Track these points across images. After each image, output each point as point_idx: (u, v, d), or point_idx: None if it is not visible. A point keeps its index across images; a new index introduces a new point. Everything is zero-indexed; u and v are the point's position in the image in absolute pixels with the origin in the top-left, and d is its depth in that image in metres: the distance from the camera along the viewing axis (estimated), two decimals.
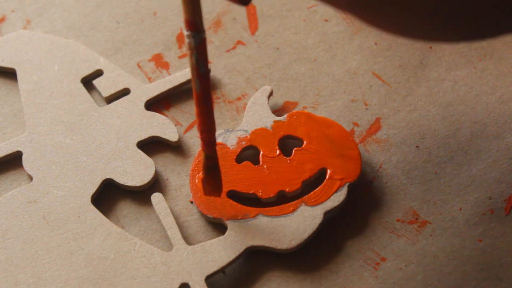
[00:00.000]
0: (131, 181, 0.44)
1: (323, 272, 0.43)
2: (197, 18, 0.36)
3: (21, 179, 0.46)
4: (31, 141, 0.46)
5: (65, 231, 0.43)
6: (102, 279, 0.42)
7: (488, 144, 0.46)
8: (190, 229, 0.44)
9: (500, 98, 0.48)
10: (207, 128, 0.39)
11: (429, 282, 0.42)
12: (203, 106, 0.39)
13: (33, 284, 0.42)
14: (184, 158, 0.46)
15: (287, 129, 0.45)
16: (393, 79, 0.49)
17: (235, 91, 0.48)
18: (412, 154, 0.46)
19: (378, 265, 0.43)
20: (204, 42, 0.36)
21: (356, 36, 0.50)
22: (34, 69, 0.48)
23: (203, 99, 0.38)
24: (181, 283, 0.42)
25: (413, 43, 0.49)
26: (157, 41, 0.50)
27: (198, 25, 0.36)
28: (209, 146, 0.40)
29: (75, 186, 0.44)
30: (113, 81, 0.48)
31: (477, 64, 0.49)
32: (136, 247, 0.43)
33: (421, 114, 0.47)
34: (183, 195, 0.45)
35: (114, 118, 0.46)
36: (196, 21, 0.36)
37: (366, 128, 0.47)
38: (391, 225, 0.44)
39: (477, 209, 0.44)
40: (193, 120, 0.47)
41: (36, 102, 0.47)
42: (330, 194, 0.43)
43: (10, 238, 0.43)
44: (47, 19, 0.51)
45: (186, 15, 0.36)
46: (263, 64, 0.49)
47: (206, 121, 0.39)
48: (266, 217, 0.43)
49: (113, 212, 0.45)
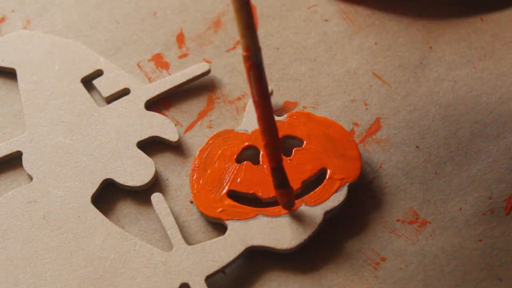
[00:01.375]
0: (131, 181, 0.44)
1: (323, 272, 0.43)
2: (254, 42, 0.37)
3: (21, 179, 0.46)
4: (31, 141, 0.46)
5: (65, 231, 0.43)
6: (102, 279, 0.42)
7: (488, 144, 0.46)
8: (190, 229, 0.44)
9: (500, 98, 0.48)
10: (271, 138, 0.39)
11: (429, 282, 0.42)
12: (267, 115, 0.39)
13: (33, 284, 0.42)
14: (184, 158, 0.46)
15: (287, 129, 0.45)
16: (393, 79, 0.49)
17: (235, 91, 0.48)
18: (412, 154, 0.46)
19: (378, 265, 0.43)
20: (261, 58, 0.38)
21: (356, 36, 0.50)
22: (34, 69, 0.48)
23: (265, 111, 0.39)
24: (181, 283, 0.42)
25: (413, 43, 0.50)
26: (157, 41, 0.50)
27: (255, 46, 0.37)
28: (275, 154, 0.40)
29: (75, 186, 0.44)
30: (113, 81, 0.48)
31: (477, 64, 0.49)
32: (136, 247, 0.43)
33: (421, 114, 0.47)
34: (183, 195, 0.45)
35: (114, 118, 0.46)
36: (254, 44, 0.37)
37: (366, 128, 0.47)
38: (391, 225, 0.44)
39: (477, 209, 0.44)
40: (193, 120, 0.47)
41: (36, 102, 0.47)
42: (330, 194, 0.43)
43: (10, 238, 0.43)
44: (47, 19, 0.51)
45: (244, 41, 0.37)
46: None
47: (269, 130, 0.39)
48: (266, 217, 0.43)
49: (113, 212, 0.45)
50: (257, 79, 0.38)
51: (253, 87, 0.38)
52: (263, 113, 0.39)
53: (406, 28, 0.50)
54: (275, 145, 0.40)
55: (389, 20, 0.50)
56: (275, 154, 0.40)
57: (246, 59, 0.37)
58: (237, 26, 0.36)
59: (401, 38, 0.50)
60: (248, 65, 0.37)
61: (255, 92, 0.38)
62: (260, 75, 0.38)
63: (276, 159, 0.40)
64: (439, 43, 0.50)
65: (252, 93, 0.38)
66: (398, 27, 0.50)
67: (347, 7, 0.51)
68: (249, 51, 0.37)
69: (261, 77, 0.38)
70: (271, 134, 0.39)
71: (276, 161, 0.40)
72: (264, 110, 0.38)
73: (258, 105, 0.38)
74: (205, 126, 0.47)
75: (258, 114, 0.39)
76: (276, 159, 0.40)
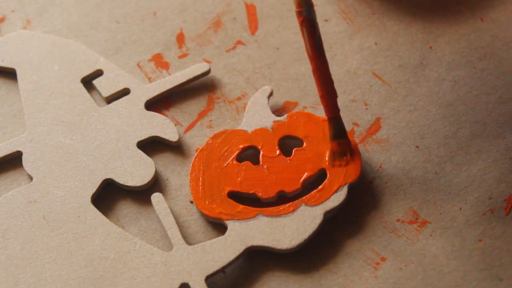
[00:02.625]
0: (131, 181, 0.44)
1: (323, 272, 0.43)
2: None
3: (21, 179, 0.46)
4: (31, 141, 0.46)
5: (65, 231, 0.43)
6: (102, 279, 0.42)
7: (488, 144, 0.46)
8: (190, 229, 0.44)
9: (500, 98, 0.48)
10: (327, 89, 0.41)
11: (429, 282, 0.42)
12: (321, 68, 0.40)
13: (33, 284, 0.42)
14: (184, 158, 0.46)
15: (287, 129, 0.45)
16: (393, 79, 0.49)
17: (235, 91, 0.48)
18: (412, 154, 0.46)
19: (378, 265, 0.43)
20: (313, 14, 0.39)
21: (356, 36, 0.50)
22: (34, 69, 0.48)
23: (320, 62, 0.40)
24: (181, 283, 0.42)
25: (413, 43, 0.50)
26: (157, 41, 0.50)
27: (307, 3, 0.39)
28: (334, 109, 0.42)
29: (75, 186, 0.44)
30: (113, 81, 0.48)
31: (477, 64, 0.49)
32: (136, 247, 0.43)
33: (421, 114, 0.47)
34: (183, 195, 0.45)
35: (114, 118, 0.46)
36: (306, 1, 0.39)
37: (366, 128, 0.47)
38: (391, 225, 0.44)
39: (477, 209, 0.44)
40: (193, 120, 0.47)
41: (36, 102, 0.47)
42: (330, 194, 0.43)
43: (10, 238, 0.43)
44: (47, 19, 0.51)
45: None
46: (263, 64, 0.49)
47: (325, 82, 0.41)
48: (266, 217, 0.43)
49: (113, 212, 0.45)
50: (310, 33, 0.39)
51: (307, 42, 0.40)
52: (318, 65, 0.40)
53: (406, 28, 0.50)
54: (331, 95, 0.41)
55: (389, 20, 0.51)
56: (331, 104, 0.42)
57: (299, 14, 0.39)
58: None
59: (401, 38, 0.50)
60: (300, 20, 0.39)
61: (309, 46, 0.40)
62: (312, 30, 0.39)
63: (333, 109, 0.42)
64: (439, 43, 0.50)
65: (306, 47, 0.40)
66: (398, 27, 0.50)
67: (347, 7, 0.51)
68: (301, 6, 0.39)
69: (314, 31, 0.39)
70: (327, 85, 0.41)
71: (333, 111, 0.42)
72: (319, 62, 0.40)
73: (312, 58, 0.40)
74: (205, 126, 0.47)
75: (313, 66, 0.40)
76: (333, 109, 0.42)
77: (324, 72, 0.40)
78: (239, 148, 0.45)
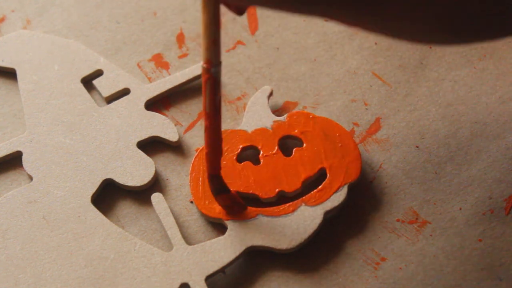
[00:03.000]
0: (131, 181, 0.44)
1: (323, 272, 0.43)
2: (216, 57, 0.38)
3: (21, 179, 0.46)
4: (31, 141, 0.46)
5: (65, 231, 0.43)
6: (102, 279, 0.42)
7: (488, 144, 0.46)
8: (190, 229, 0.44)
9: (500, 98, 0.48)
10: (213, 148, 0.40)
11: (429, 282, 0.42)
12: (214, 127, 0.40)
13: (33, 284, 0.42)
14: (184, 158, 0.46)
15: (287, 129, 0.45)
16: (393, 79, 0.49)
17: (235, 91, 0.48)
18: (412, 154, 0.46)
19: (378, 265, 0.43)
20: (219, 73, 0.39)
21: (356, 36, 0.50)
22: (34, 69, 0.48)
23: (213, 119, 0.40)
24: (181, 283, 0.42)
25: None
26: (157, 41, 0.50)
27: (216, 60, 0.38)
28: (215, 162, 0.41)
29: (75, 186, 0.44)
30: (113, 81, 0.48)
31: (477, 64, 0.49)
32: (136, 247, 0.43)
33: (421, 114, 0.47)
34: (183, 195, 0.45)
35: (114, 118, 0.46)
36: (215, 59, 0.38)
37: (366, 128, 0.47)
38: (391, 225, 0.44)
39: (477, 209, 0.44)
40: (193, 120, 0.47)
41: (36, 102, 0.47)
42: (330, 194, 0.43)
43: (10, 238, 0.43)
44: (47, 19, 0.51)
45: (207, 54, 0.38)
46: (263, 64, 0.49)
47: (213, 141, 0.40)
48: (266, 217, 0.43)
49: (113, 212, 0.45)
50: (212, 92, 0.39)
51: (207, 99, 0.39)
52: (212, 124, 0.40)
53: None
54: (216, 154, 0.41)
55: None
56: (215, 163, 0.41)
57: (205, 71, 0.38)
58: (202, 39, 0.37)
59: (402, 41, 0.50)
60: (205, 77, 0.38)
61: (208, 104, 0.39)
62: (215, 89, 0.39)
63: (216, 167, 0.41)
64: None
65: (204, 104, 0.39)
66: None
67: None
68: (209, 64, 0.38)
69: (215, 91, 0.39)
70: (215, 145, 0.40)
71: (215, 169, 0.41)
72: (213, 121, 0.39)
73: (209, 116, 0.39)
74: None
75: (207, 124, 0.40)
76: (215, 167, 0.41)
77: (216, 132, 0.40)
78: (239, 148, 0.45)
